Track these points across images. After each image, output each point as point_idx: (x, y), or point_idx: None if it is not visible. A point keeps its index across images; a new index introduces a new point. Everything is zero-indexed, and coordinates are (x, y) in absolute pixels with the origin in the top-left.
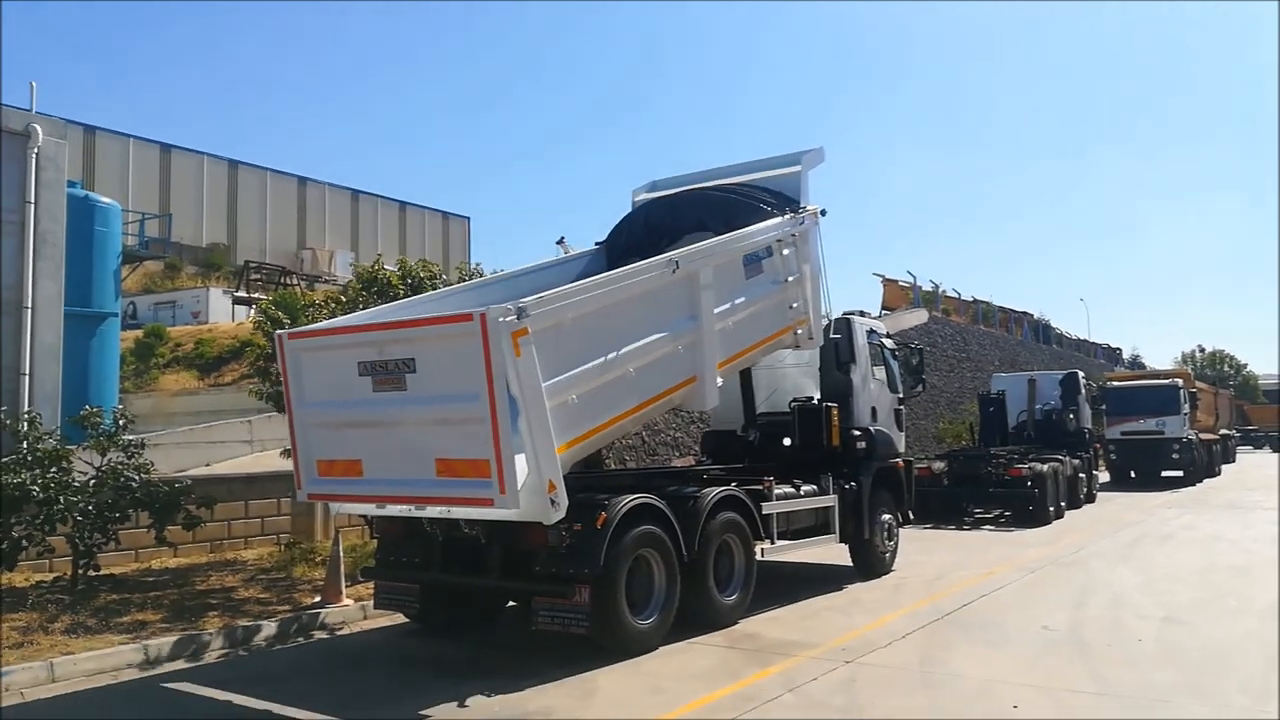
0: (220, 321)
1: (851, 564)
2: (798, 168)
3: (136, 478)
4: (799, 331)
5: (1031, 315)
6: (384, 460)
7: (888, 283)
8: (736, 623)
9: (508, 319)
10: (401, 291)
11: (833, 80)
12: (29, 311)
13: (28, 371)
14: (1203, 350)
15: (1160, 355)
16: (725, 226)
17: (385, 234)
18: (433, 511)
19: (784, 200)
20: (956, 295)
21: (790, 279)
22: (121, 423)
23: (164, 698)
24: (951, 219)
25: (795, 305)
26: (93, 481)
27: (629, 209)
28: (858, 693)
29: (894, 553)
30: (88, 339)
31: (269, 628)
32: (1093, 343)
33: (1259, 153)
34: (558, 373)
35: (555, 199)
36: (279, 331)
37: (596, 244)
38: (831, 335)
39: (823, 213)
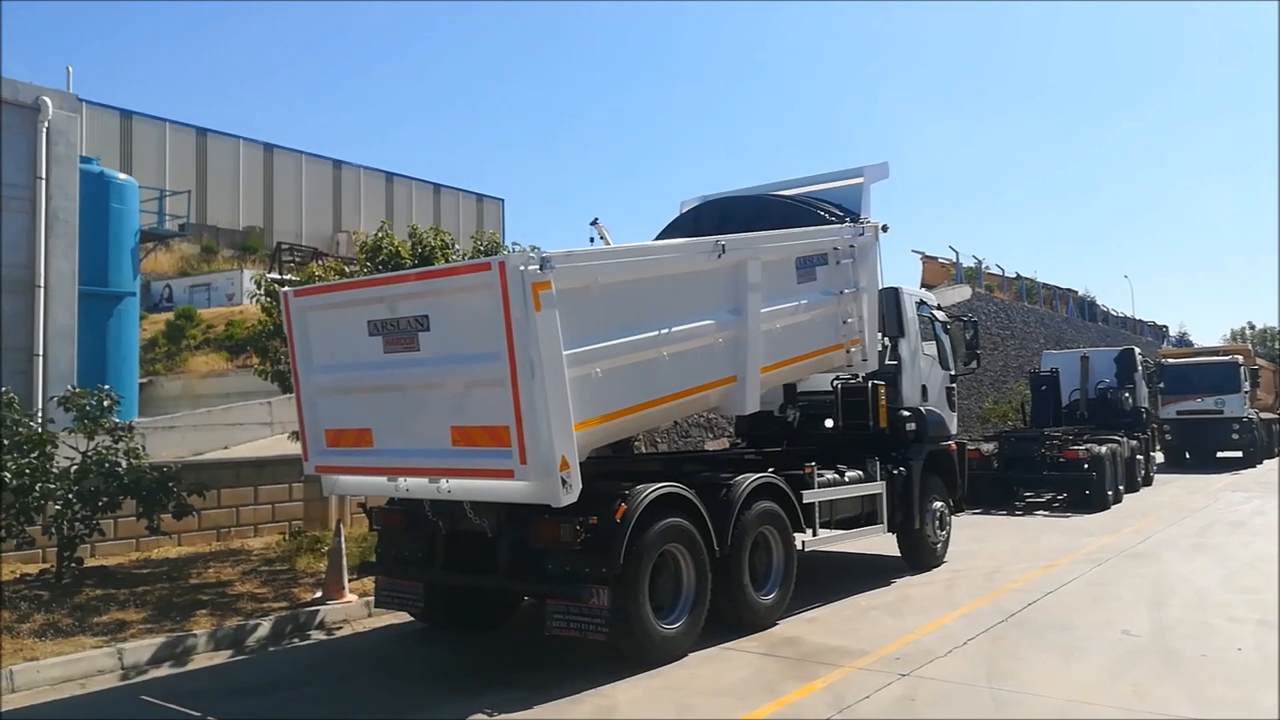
0: (252, 304)
1: (898, 555)
2: (860, 180)
3: (123, 463)
4: (851, 350)
5: (1076, 292)
6: (396, 428)
7: (927, 260)
8: (774, 624)
9: (530, 268)
10: (410, 263)
11: (864, 51)
12: (41, 291)
13: (41, 353)
14: (1253, 327)
15: (1206, 333)
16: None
17: (420, 216)
18: (447, 485)
19: (844, 211)
20: (1000, 272)
21: (846, 291)
22: (106, 404)
23: (132, 713)
24: (990, 195)
25: (849, 321)
26: (74, 468)
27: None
28: (917, 715)
29: (946, 543)
30: (104, 320)
31: (262, 628)
32: (1139, 320)
33: None
34: (582, 341)
35: (591, 184)
36: (284, 289)
37: None
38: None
39: (884, 228)
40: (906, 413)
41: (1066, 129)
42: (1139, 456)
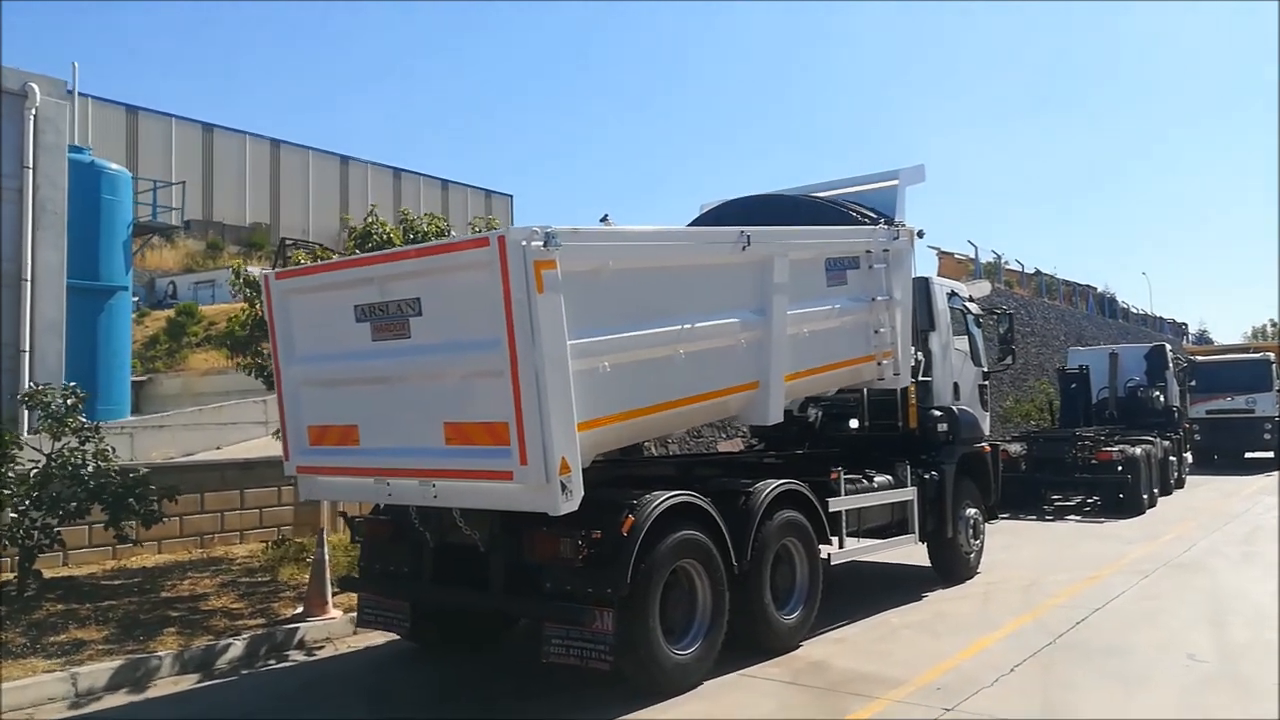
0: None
1: (927, 565)
2: (894, 182)
3: (89, 466)
4: (882, 363)
5: (1095, 289)
6: (384, 425)
7: (944, 255)
8: (798, 646)
9: (533, 244)
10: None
11: (877, 50)
12: (28, 284)
13: (28, 348)
14: (1274, 324)
15: (1223, 331)
16: None
17: (427, 212)
18: (442, 487)
19: (878, 214)
20: (1019, 267)
21: (878, 299)
22: (71, 402)
23: None
24: (1002, 191)
25: (881, 331)
26: (34, 472)
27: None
28: None
29: (979, 553)
30: (95, 314)
31: (235, 648)
32: (1159, 317)
33: None
34: (589, 331)
35: (605, 191)
36: (265, 272)
37: None
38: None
39: (920, 234)
40: (938, 412)
41: (1078, 126)
42: (1172, 458)
